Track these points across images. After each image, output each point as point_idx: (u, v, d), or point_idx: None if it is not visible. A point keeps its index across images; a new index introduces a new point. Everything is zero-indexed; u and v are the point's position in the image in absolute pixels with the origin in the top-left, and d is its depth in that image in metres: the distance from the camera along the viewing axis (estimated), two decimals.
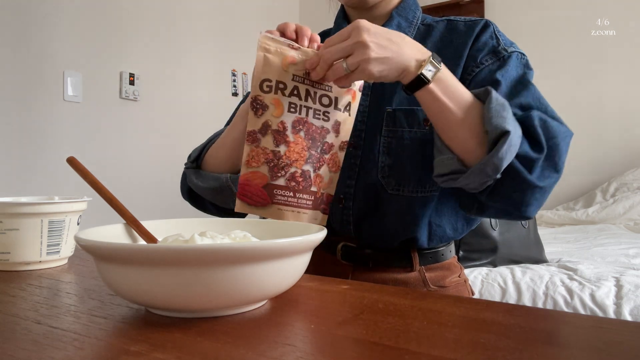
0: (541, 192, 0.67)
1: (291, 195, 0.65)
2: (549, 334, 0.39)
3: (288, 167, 0.64)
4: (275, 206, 0.65)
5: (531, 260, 1.61)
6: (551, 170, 0.67)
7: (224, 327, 0.41)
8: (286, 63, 0.64)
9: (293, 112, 0.64)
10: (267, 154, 0.64)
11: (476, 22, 0.81)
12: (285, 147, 0.64)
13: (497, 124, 0.62)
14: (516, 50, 0.78)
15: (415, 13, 0.85)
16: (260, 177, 0.64)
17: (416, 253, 0.82)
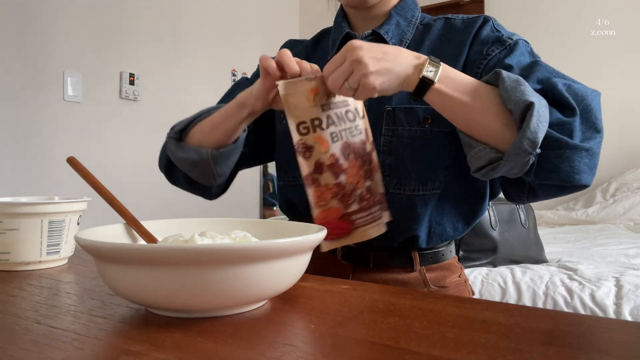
0: (588, 155, 0.63)
1: (366, 214, 0.68)
2: (549, 334, 0.39)
3: (354, 191, 0.66)
4: (360, 229, 0.67)
5: (531, 260, 1.61)
6: (592, 131, 0.63)
7: (224, 327, 0.41)
8: (311, 97, 0.65)
9: (337, 141, 0.66)
10: (331, 189, 0.65)
11: (475, 19, 0.82)
12: (345, 176, 0.66)
13: (518, 99, 0.60)
14: (520, 38, 0.78)
15: (414, 12, 0.85)
16: (334, 211, 0.66)
17: (416, 253, 0.82)
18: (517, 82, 0.62)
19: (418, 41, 0.83)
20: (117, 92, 2.55)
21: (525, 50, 0.76)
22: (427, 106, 0.77)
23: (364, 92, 0.62)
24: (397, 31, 0.83)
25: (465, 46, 0.79)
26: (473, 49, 0.78)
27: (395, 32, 0.82)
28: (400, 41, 0.82)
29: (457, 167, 0.80)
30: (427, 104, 0.74)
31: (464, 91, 0.64)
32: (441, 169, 0.78)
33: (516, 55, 0.74)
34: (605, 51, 2.96)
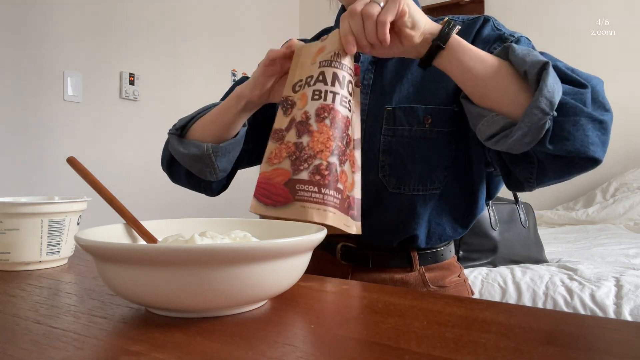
0: (602, 128, 0.61)
1: (315, 191, 0.57)
2: (549, 334, 0.39)
3: (312, 158, 0.58)
4: (298, 203, 0.57)
5: (531, 260, 1.61)
6: (601, 109, 0.62)
7: (224, 327, 0.41)
8: (315, 56, 0.63)
9: (317, 99, 0.60)
10: (289, 148, 0.59)
11: (475, 19, 0.81)
12: (309, 138, 0.59)
13: (532, 60, 0.59)
14: (522, 35, 0.78)
15: None
16: (282, 173, 0.58)
17: (416, 253, 0.82)
18: (528, 50, 0.61)
19: None
20: (117, 92, 2.55)
21: (528, 45, 0.76)
22: (426, 106, 0.77)
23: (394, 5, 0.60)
24: None
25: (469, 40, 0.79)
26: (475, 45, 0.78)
27: None
28: None
29: (457, 167, 0.80)
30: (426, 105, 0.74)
31: (478, 53, 0.63)
32: (441, 169, 0.78)
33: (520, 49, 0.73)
34: (605, 51, 2.96)
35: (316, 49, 0.63)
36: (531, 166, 0.67)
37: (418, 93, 0.79)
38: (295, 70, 0.64)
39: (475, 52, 0.63)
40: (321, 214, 0.57)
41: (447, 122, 0.77)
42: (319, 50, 0.63)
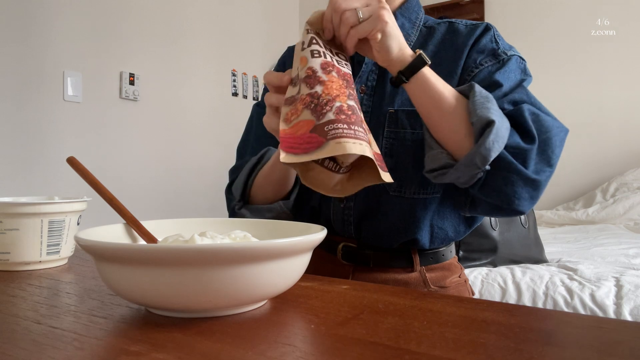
0: (534, 185, 0.65)
1: (345, 127, 0.53)
2: (549, 334, 0.39)
3: (332, 102, 0.55)
4: (332, 141, 0.52)
5: (531, 260, 1.61)
6: (544, 164, 0.66)
7: (224, 327, 0.41)
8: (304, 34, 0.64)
9: (317, 57, 0.60)
10: (304, 100, 0.56)
11: (477, 25, 0.82)
12: (322, 86, 0.57)
13: (482, 114, 0.62)
14: (515, 54, 0.78)
15: (418, 14, 0.85)
16: (305, 124, 0.55)
17: (417, 253, 0.82)
18: (486, 99, 0.64)
19: (422, 44, 0.83)
20: (117, 92, 2.55)
21: (518, 67, 0.77)
22: None
23: (370, 27, 0.61)
24: (402, 33, 0.82)
25: (465, 50, 0.79)
26: (471, 55, 0.78)
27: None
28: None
29: None
30: None
31: (443, 87, 0.66)
32: None
33: (506, 72, 0.75)
34: (605, 51, 2.96)
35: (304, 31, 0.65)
36: (466, 197, 0.74)
37: None
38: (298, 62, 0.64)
39: (438, 89, 0.65)
40: (359, 146, 0.53)
41: None
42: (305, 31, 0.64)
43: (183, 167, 2.87)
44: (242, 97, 3.31)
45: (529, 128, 0.65)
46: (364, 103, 0.81)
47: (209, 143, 3.03)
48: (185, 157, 2.89)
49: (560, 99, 2.98)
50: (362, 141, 0.54)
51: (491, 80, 0.73)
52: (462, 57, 0.79)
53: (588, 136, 2.93)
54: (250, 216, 0.81)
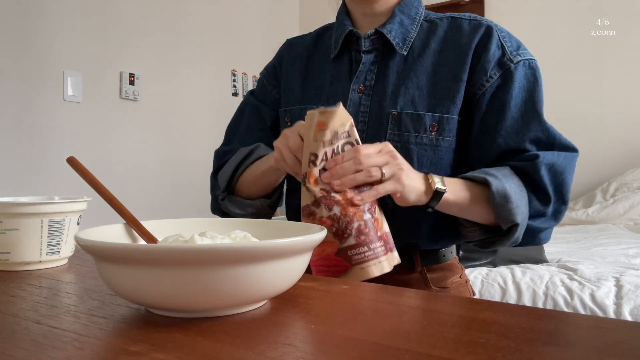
0: (553, 226, 0.79)
1: (366, 250, 0.63)
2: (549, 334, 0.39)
3: (350, 224, 0.63)
4: (357, 267, 0.63)
5: (531, 260, 1.61)
6: (560, 203, 0.76)
7: (224, 327, 0.41)
8: (316, 132, 0.65)
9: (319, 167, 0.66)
10: (325, 222, 0.63)
11: (480, 23, 0.80)
12: (339, 207, 0.64)
13: (505, 219, 0.71)
14: (522, 59, 0.77)
15: (417, 9, 0.84)
16: (330, 245, 0.63)
17: (417, 254, 0.82)
18: (504, 199, 0.70)
19: (423, 41, 0.82)
20: (117, 92, 2.55)
21: (524, 77, 0.77)
22: (433, 114, 0.77)
23: (393, 185, 0.65)
24: (401, 30, 0.81)
25: (470, 53, 0.78)
26: (479, 62, 0.78)
27: (399, 31, 0.81)
28: (404, 40, 0.81)
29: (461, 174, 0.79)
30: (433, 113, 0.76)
31: (464, 195, 0.72)
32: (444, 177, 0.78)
33: (514, 90, 0.77)
34: (605, 51, 2.96)
35: (316, 121, 0.65)
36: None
37: (423, 98, 0.78)
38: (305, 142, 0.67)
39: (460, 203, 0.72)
40: (378, 266, 0.64)
41: (452, 130, 0.77)
42: (318, 125, 0.65)
43: (183, 167, 2.87)
44: (242, 97, 3.31)
45: (545, 188, 0.74)
46: (362, 103, 0.81)
47: (209, 143, 3.02)
48: (185, 157, 2.89)
49: (559, 99, 2.98)
50: (380, 257, 0.64)
51: (501, 102, 0.76)
52: (467, 60, 0.78)
53: (588, 136, 2.93)
54: (232, 209, 0.85)
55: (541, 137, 0.76)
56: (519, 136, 0.76)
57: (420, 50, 0.81)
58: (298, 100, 0.88)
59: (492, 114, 0.77)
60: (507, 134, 0.76)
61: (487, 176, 0.71)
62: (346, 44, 0.85)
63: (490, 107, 0.77)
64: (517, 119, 0.76)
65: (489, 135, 0.77)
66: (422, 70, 0.79)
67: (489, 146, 0.77)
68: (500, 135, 0.76)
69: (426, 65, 0.79)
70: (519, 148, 0.76)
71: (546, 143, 0.76)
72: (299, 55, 0.92)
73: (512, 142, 0.76)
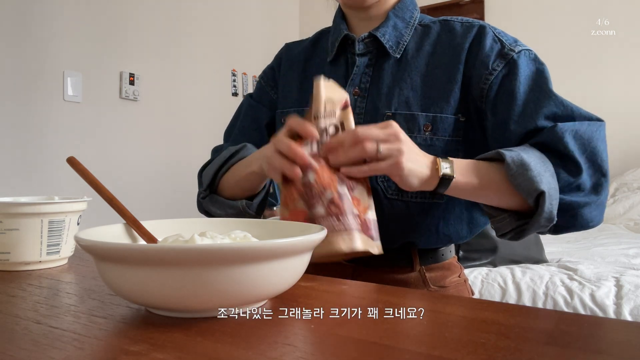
0: (599, 205, 0.69)
1: (336, 221, 0.61)
2: (549, 334, 0.39)
3: (323, 193, 0.61)
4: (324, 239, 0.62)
5: (531, 260, 1.61)
6: (599, 176, 0.69)
7: (224, 327, 0.41)
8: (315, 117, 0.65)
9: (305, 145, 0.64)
10: (298, 189, 0.62)
11: (472, 24, 0.80)
12: (314, 175, 0.62)
13: (528, 188, 0.64)
14: (523, 49, 0.77)
15: (412, 13, 0.84)
16: (300, 213, 0.61)
17: (416, 253, 0.82)
18: (523, 167, 0.65)
19: (417, 44, 0.82)
20: (117, 92, 2.55)
21: (528, 65, 0.76)
22: (427, 113, 0.77)
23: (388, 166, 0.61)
24: (394, 33, 0.82)
25: (463, 54, 0.78)
26: (476, 60, 0.77)
27: (392, 35, 0.81)
28: (398, 43, 0.81)
29: None
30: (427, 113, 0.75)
31: (477, 176, 0.67)
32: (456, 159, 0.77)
33: (520, 74, 0.74)
34: (605, 51, 2.96)
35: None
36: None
37: (418, 99, 0.78)
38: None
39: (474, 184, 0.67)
40: (346, 240, 0.60)
41: (447, 130, 0.77)
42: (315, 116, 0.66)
43: (183, 167, 2.87)
44: (242, 97, 3.31)
45: (572, 156, 0.67)
46: (357, 105, 0.81)
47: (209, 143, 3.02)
48: (185, 157, 2.89)
49: None
50: (353, 233, 0.60)
51: (508, 91, 0.74)
52: (461, 60, 0.78)
53: None
54: (213, 209, 0.84)
55: (557, 112, 0.72)
56: (533, 117, 0.72)
57: (414, 53, 0.81)
58: (295, 103, 0.89)
59: (502, 104, 0.75)
60: (520, 119, 0.72)
61: (500, 150, 0.68)
62: (342, 47, 0.86)
63: (499, 98, 0.75)
64: (527, 102, 0.73)
65: (502, 126, 0.75)
66: (416, 72, 0.79)
67: (505, 137, 0.74)
68: (514, 121, 0.73)
69: (420, 67, 0.80)
70: (535, 127, 0.71)
71: (564, 116, 0.71)
72: (297, 59, 0.93)
73: (528, 124, 0.72)
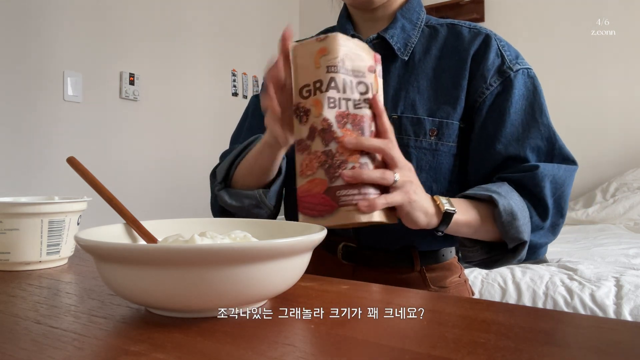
0: (551, 241, 0.78)
1: (356, 193, 0.57)
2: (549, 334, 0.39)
3: (344, 163, 0.58)
4: (343, 209, 0.57)
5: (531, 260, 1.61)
6: (558, 217, 0.76)
7: (224, 327, 0.41)
8: (318, 58, 0.60)
9: (333, 107, 0.60)
10: (319, 157, 0.59)
11: (479, 31, 0.81)
12: (336, 144, 0.58)
13: (514, 238, 0.70)
14: (522, 67, 0.78)
15: (419, 14, 0.84)
16: (319, 183, 0.58)
17: (417, 253, 0.82)
18: (512, 216, 0.68)
19: (425, 46, 0.82)
20: (117, 92, 2.55)
21: (524, 85, 0.78)
22: (433, 118, 0.77)
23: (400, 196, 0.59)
24: (403, 35, 0.81)
25: (468, 60, 0.78)
26: (478, 71, 0.78)
27: (400, 36, 0.81)
28: (406, 45, 0.81)
29: (461, 180, 0.79)
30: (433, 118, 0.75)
31: (472, 214, 0.70)
32: (444, 182, 0.78)
33: (513, 97, 0.76)
34: (605, 51, 2.96)
35: (316, 49, 0.61)
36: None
37: (424, 103, 0.78)
38: (297, 74, 0.62)
39: (467, 224, 0.69)
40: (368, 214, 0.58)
41: (451, 136, 0.77)
42: (319, 52, 0.61)
43: (183, 167, 2.87)
44: (242, 97, 3.31)
45: (545, 201, 0.73)
46: None
47: (209, 143, 3.03)
48: (185, 157, 2.89)
49: (560, 99, 2.98)
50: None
51: (500, 110, 0.76)
52: (466, 66, 0.78)
53: (588, 136, 2.93)
54: (229, 201, 0.81)
55: (541, 146, 0.75)
56: (519, 143, 0.75)
57: (421, 56, 0.81)
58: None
59: (491, 121, 0.77)
60: (507, 140, 0.75)
61: (491, 194, 0.69)
62: None
63: (490, 114, 0.77)
64: (517, 126, 0.75)
65: (488, 143, 0.76)
66: (423, 76, 0.79)
67: (489, 153, 0.76)
68: (500, 142, 0.75)
69: (427, 70, 0.80)
70: (518, 155, 0.75)
71: (545, 152, 0.75)
72: None
73: (513, 149, 0.75)
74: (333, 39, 0.61)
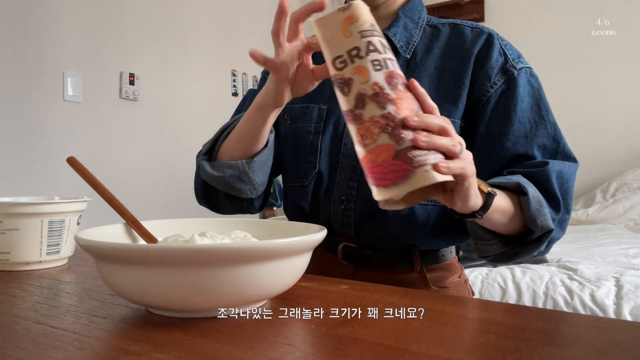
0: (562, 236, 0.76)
1: (427, 153, 0.53)
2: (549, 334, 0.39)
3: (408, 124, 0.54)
4: (420, 169, 0.52)
5: (531, 260, 1.61)
6: (564, 213, 0.75)
7: (224, 327, 0.41)
8: (346, 27, 0.58)
9: (380, 69, 0.56)
10: (378, 122, 0.54)
11: (482, 31, 0.81)
12: (393, 106, 0.54)
13: (543, 225, 0.69)
14: (524, 66, 0.78)
15: (420, 13, 0.84)
16: (385, 149, 0.53)
17: (417, 254, 0.82)
18: (540, 204, 0.69)
19: (427, 45, 0.82)
20: (117, 92, 2.55)
21: (527, 83, 0.78)
22: None
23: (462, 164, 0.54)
24: (405, 33, 0.82)
25: (471, 59, 0.78)
26: (481, 69, 0.78)
27: (403, 35, 0.81)
28: (408, 43, 0.81)
29: None
30: None
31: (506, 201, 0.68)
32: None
33: (518, 95, 0.77)
34: (605, 51, 2.96)
35: (341, 19, 0.58)
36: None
37: None
38: (327, 47, 0.59)
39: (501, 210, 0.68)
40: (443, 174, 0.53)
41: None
42: (346, 20, 0.58)
43: (183, 167, 2.87)
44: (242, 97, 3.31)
45: (556, 195, 0.73)
46: None
47: None
48: (185, 157, 2.89)
49: (560, 99, 2.98)
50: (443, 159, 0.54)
51: (505, 110, 0.76)
52: (469, 65, 0.78)
53: (588, 136, 2.93)
54: (210, 169, 0.78)
55: (547, 144, 0.76)
56: (527, 141, 0.76)
57: (423, 55, 0.81)
58: (299, 99, 0.88)
59: (497, 119, 0.77)
60: (515, 138, 0.76)
61: (519, 181, 0.68)
62: None
63: (495, 112, 0.77)
64: (524, 123, 0.76)
65: (494, 141, 0.76)
66: (425, 74, 0.79)
67: (496, 151, 0.76)
68: (509, 139, 0.76)
69: (429, 69, 0.80)
70: (526, 153, 0.75)
71: (551, 150, 0.76)
72: None
73: (522, 147, 0.76)
74: (357, 6, 0.59)
